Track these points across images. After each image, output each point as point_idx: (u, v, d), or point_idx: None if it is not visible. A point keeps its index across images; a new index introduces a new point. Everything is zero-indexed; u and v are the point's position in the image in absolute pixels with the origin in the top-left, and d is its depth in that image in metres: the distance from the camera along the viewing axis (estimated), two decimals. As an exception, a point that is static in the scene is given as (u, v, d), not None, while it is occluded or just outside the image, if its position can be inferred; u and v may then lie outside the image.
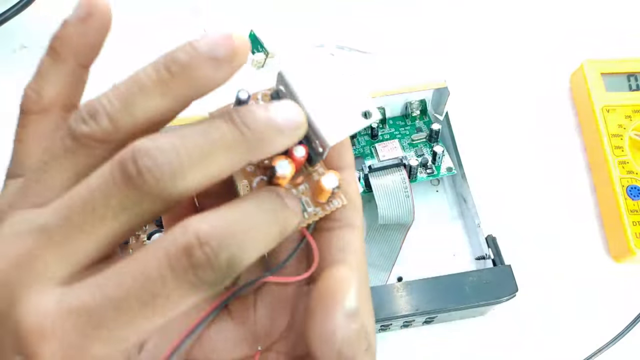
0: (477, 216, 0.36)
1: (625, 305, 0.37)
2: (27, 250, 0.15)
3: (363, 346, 0.18)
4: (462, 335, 0.36)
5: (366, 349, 0.18)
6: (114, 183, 0.15)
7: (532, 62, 0.46)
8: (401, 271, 0.37)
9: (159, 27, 0.48)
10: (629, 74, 0.42)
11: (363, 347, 0.18)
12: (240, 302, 0.21)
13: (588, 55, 0.43)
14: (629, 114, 0.41)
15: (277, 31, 0.47)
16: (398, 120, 0.40)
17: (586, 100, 0.42)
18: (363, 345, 0.18)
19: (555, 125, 0.44)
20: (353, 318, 0.18)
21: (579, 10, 0.49)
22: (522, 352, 0.35)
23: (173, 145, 0.15)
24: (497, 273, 0.33)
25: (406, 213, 0.36)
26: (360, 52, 0.47)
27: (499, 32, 0.48)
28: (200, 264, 0.14)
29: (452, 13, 0.49)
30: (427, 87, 0.38)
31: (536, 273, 0.38)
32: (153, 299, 0.14)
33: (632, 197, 0.38)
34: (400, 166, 0.36)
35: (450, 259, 0.38)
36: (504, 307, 0.35)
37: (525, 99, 0.45)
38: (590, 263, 0.38)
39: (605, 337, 0.34)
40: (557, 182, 0.41)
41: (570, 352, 0.35)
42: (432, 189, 0.40)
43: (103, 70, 0.47)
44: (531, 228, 0.39)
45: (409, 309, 0.32)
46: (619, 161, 0.39)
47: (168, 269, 0.14)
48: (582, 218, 0.40)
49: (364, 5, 0.49)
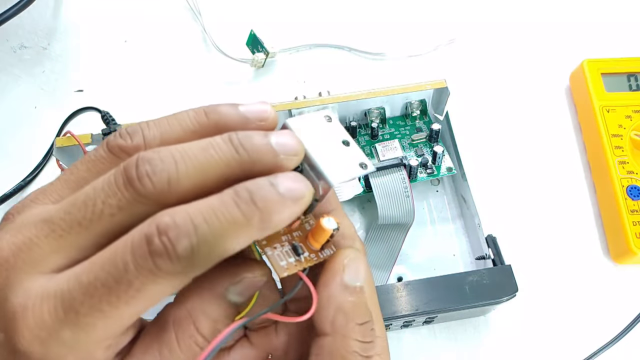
0: (477, 216, 0.36)
1: (625, 306, 0.37)
2: (29, 238, 0.17)
3: (358, 319, 0.19)
4: (462, 335, 0.36)
5: (362, 323, 0.20)
6: (116, 184, 0.17)
7: (532, 62, 0.46)
8: (401, 271, 0.37)
9: (158, 27, 0.48)
10: (629, 73, 0.42)
11: (358, 320, 0.19)
12: (262, 331, 0.23)
13: (588, 54, 0.43)
14: (629, 114, 0.41)
15: (277, 31, 0.47)
16: (398, 120, 0.40)
17: (586, 100, 0.42)
18: (359, 318, 0.19)
19: (555, 125, 0.44)
20: (350, 291, 0.20)
21: (578, 9, 0.49)
22: (522, 353, 0.35)
23: (173, 156, 0.17)
24: (497, 273, 0.33)
25: (406, 213, 0.36)
26: (361, 52, 0.47)
27: (498, 32, 0.48)
28: (158, 251, 0.15)
29: (453, 12, 0.49)
30: (427, 86, 0.38)
31: (536, 273, 0.38)
32: (117, 284, 0.15)
33: (632, 197, 0.38)
34: (400, 166, 0.36)
35: (450, 259, 0.38)
36: (504, 307, 0.35)
37: (525, 99, 0.45)
38: (590, 263, 0.38)
39: (605, 337, 0.34)
40: (557, 182, 0.41)
41: (570, 352, 0.35)
42: (432, 188, 0.40)
43: (103, 71, 0.47)
44: (531, 228, 0.39)
45: (409, 309, 0.31)
46: (619, 161, 0.39)
47: (130, 255, 0.16)
48: (582, 218, 0.40)
49: (363, 4, 0.49)
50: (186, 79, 0.46)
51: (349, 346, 0.19)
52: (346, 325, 0.19)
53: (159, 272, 0.16)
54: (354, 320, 0.20)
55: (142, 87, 0.45)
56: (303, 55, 0.47)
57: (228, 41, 0.46)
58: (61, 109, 0.42)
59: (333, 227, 0.20)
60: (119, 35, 0.48)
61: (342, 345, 0.19)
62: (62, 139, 0.36)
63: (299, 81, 0.46)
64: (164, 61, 0.46)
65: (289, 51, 0.47)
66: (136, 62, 0.46)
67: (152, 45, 0.47)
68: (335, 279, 0.20)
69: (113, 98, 0.44)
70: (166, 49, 0.47)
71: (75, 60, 0.46)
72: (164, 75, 0.46)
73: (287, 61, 0.47)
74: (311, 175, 0.19)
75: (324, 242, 0.20)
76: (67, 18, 0.48)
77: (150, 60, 0.46)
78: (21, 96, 0.44)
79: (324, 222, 0.20)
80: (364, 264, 0.21)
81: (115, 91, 0.45)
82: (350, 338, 0.19)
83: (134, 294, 0.16)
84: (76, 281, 0.16)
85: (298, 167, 0.20)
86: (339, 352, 0.19)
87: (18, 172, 0.40)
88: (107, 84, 0.45)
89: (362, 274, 0.20)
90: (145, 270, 0.15)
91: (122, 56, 0.47)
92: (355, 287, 0.20)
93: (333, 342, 0.19)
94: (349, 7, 0.49)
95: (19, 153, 0.42)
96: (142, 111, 0.43)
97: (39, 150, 0.41)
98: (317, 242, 0.20)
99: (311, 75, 0.46)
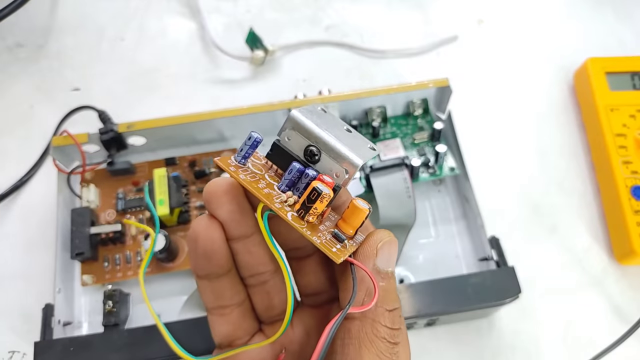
0: (480, 217, 0.35)
1: (629, 306, 0.36)
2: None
3: (388, 305, 0.19)
4: (464, 337, 0.35)
5: (392, 310, 0.20)
6: None
7: (536, 61, 0.46)
8: (403, 273, 0.36)
9: (156, 25, 0.48)
10: (633, 72, 0.42)
11: (388, 306, 0.19)
12: (277, 323, 0.23)
13: (592, 53, 0.42)
14: (633, 114, 0.40)
15: (277, 28, 0.47)
16: (400, 119, 0.39)
17: (590, 99, 0.41)
18: (389, 304, 0.20)
19: (559, 125, 0.43)
20: (382, 275, 0.20)
21: (582, 8, 0.48)
22: (526, 355, 0.35)
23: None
24: (500, 275, 0.32)
25: (408, 214, 0.35)
26: (362, 50, 0.46)
27: (502, 30, 0.47)
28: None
29: (455, 11, 0.48)
30: (430, 85, 0.37)
31: (539, 274, 0.37)
32: None
33: (637, 197, 0.37)
34: (402, 166, 0.36)
35: (452, 261, 0.37)
36: (506, 309, 0.34)
37: (528, 98, 0.44)
38: (594, 264, 0.38)
39: (610, 338, 0.33)
40: (561, 182, 0.41)
41: (574, 354, 0.35)
42: (434, 189, 0.40)
43: (100, 70, 0.47)
44: (534, 228, 0.39)
45: (411, 311, 0.31)
46: (623, 161, 0.38)
47: None
48: (586, 218, 0.40)
49: (366, 3, 0.49)
50: (185, 77, 0.45)
51: (378, 332, 0.19)
52: (376, 310, 0.19)
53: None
54: (383, 306, 0.19)
55: (139, 86, 0.44)
56: (303, 53, 0.46)
57: (227, 39, 0.45)
58: (58, 108, 0.42)
59: (367, 206, 0.19)
60: (116, 34, 0.47)
61: (371, 330, 0.19)
62: (59, 138, 0.36)
63: (299, 79, 0.45)
64: (162, 59, 0.46)
65: (288, 49, 0.46)
66: (133, 60, 0.46)
67: (150, 43, 0.47)
68: (368, 263, 0.19)
69: (110, 97, 0.43)
70: (164, 47, 0.46)
71: (72, 58, 0.46)
72: (162, 74, 0.45)
73: (287, 59, 0.46)
74: (331, 161, 0.19)
75: (358, 225, 0.19)
76: (63, 16, 0.48)
77: (148, 58, 0.46)
78: (17, 95, 0.44)
79: (358, 202, 0.19)
80: (395, 249, 0.20)
81: (112, 90, 0.44)
82: (379, 323, 0.19)
83: None
84: None
85: (315, 155, 0.19)
86: (367, 337, 0.19)
87: (14, 172, 0.40)
88: (104, 83, 0.45)
89: (394, 259, 0.20)
90: None
91: (119, 54, 0.46)
92: (387, 272, 0.20)
93: (362, 326, 0.19)
94: (351, 5, 0.49)
95: (15, 152, 0.41)
96: (139, 110, 0.42)
97: (36, 150, 0.41)
98: (352, 226, 0.19)
99: (311, 73, 0.45)
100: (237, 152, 0.20)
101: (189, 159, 0.38)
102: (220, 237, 0.21)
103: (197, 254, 0.21)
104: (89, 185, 0.37)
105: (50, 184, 0.37)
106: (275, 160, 0.20)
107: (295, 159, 0.20)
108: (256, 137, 0.19)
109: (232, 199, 0.20)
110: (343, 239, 0.19)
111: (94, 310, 0.35)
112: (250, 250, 0.21)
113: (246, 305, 0.23)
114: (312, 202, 0.18)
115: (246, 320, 0.23)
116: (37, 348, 0.30)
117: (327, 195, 0.18)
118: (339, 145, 0.19)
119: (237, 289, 0.22)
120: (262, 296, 0.23)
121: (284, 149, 0.20)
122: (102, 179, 0.37)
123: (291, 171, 0.19)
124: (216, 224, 0.21)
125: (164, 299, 0.35)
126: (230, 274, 0.22)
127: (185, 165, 0.38)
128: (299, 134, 0.19)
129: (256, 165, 0.20)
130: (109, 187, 0.37)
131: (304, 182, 0.19)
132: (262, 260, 0.22)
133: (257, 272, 0.22)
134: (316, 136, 0.19)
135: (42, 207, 0.38)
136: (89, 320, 0.35)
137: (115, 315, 0.32)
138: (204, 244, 0.21)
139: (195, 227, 0.21)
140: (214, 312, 0.22)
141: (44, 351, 0.30)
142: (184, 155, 0.38)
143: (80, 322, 0.35)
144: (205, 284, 0.22)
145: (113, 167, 0.37)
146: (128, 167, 0.37)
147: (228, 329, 0.22)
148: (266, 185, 0.19)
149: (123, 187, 0.37)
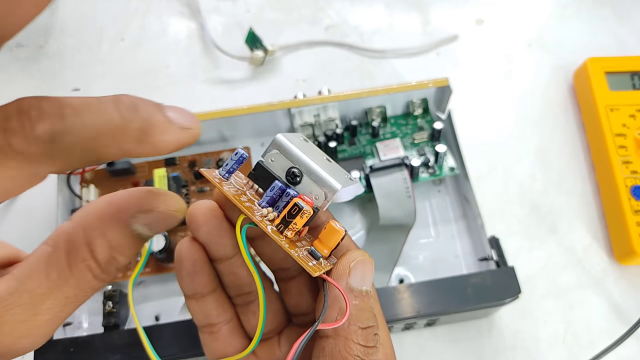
0: (480, 217, 0.35)
1: (629, 306, 0.36)
2: None
3: (362, 323, 0.20)
4: (464, 337, 0.35)
5: (365, 327, 0.20)
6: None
7: (536, 61, 0.46)
8: (402, 273, 0.37)
9: (156, 25, 0.48)
10: (632, 72, 0.42)
11: (361, 323, 0.20)
12: (265, 343, 0.23)
13: (592, 53, 0.42)
14: (633, 113, 0.40)
15: (277, 29, 0.47)
16: (400, 119, 0.39)
17: (590, 99, 0.41)
18: (362, 322, 0.20)
19: (559, 124, 0.43)
20: (355, 294, 0.20)
21: (582, 8, 0.48)
22: (526, 354, 0.35)
23: (58, 104, 0.15)
24: (500, 275, 0.32)
25: (408, 214, 0.35)
26: (361, 50, 0.46)
27: (502, 30, 0.47)
28: (12, 128, 0.14)
29: (455, 11, 0.48)
30: (429, 85, 0.37)
31: (539, 274, 0.37)
32: None
33: (637, 197, 0.37)
34: (402, 166, 0.36)
35: (452, 261, 0.37)
36: (506, 309, 0.34)
37: (528, 98, 0.44)
38: (594, 264, 0.38)
39: (610, 338, 0.33)
40: (561, 182, 0.41)
41: (575, 354, 0.35)
42: (434, 189, 0.40)
43: (99, 70, 0.47)
44: (534, 228, 0.39)
45: (410, 311, 0.31)
46: (623, 161, 0.38)
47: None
48: (586, 218, 0.40)
49: (366, 3, 0.49)
50: (184, 77, 0.45)
51: (351, 349, 0.19)
52: (349, 328, 0.19)
53: (10, 151, 0.14)
54: (356, 323, 0.19)
55: (139, 86, 0.44)
56: (303, 53, 0.46)
57: (227, 39, 0.45)
58: (58, 108, 0.42)
59: (343, 228, 0.20)
60: (116, 34, 0.47)
61: (344, 348, 0.19)
62: (59, 138, 0.36)
63: (298, 79, 0.45)
64: (162, 59, 0.46)
65: (288, 49, 0.46)
66: (133, 60, 0.46)
67: (150, 43, 0.47)
68: (341, 281, 0.19)
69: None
70: (164, 47, 0.46)
71: (72, 58, 0.46)
72: (162, 74, 0.45)
73: (286, 59, 0.46)
74: (311, 184, 0.20)
75: (334, 246, 0.20)
76: (63, 16, 0.48)
77: (148, 59, 0.46)
78: (17, 95, 0.44)
79: (334, 224, 0.20)
80: (370, 268, 0.20)
81: (112, 90, 0.44)
82: (352, 341, 0.19)
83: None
84: None
85: (297, 176, 0.20)
86: (340, 355, 0.19)
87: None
88: (104, 83, 0.45)
89: (369, 278, 0.20)
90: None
91: (119, 55, 0.46)
92: (362, 291, 0.20)
93: (335, 344, 0.19)
94: (351, 4, 0.49)
95: (15, 153, 0.41)
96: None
97: (35, 150, 0.41)
98: (327, 246, 0.20)
99: (311, 73, 0.45)
100: (222, 167, 0.20)
101: (189, 159, 0.38)
102: (202, 258, 0.21)
103: (182, 274, 0.21)
104: (89, 185, 0.37)
105: (50, 184, 0.37)
106: (258, 179, 0.21)
107: (277, 179, 0.20)
108: (242, 153, 0.20)
109: (211, 221, 0.21)
110: (319, 257, 0.20)
111: (94, 311, 0.35)
112: (233, 272, 0.22)
113: (234, 323, 0.23)
114: (292, 217, 0.19)
115: (235, 338, 0.23)
116: (37, 348, 0.30)
117: (307, 212, 0.19)
118: (320, 170, 0.20)
119: (224, 307, 0.23)
120: (248, 316, 0.23)
121: (267, 170, 0.20)
122: (102, 180, 0.37)
123: (273, 188, 0.20)
124: (197, 246, 0.21)
125: (164, 299, 0.35)
126: (215, 293, 0.22)
127: (185, 165, 0.38)
128: (282, 156, 0.20)
129: (238, 182, 0.21)
130: (109, 188, 0.37)
131: (284, 200, 0.20)
132: (247, 280, 0.22)
133: (243, 292, 0.23)
134: (299, 159, 0.20)
135: (42, 208, 0.38)
136: (89, 320, 0.35)
137: (115, 315, 0.32)
138: (187, 264, 0.21)
139: (179, 248, 0.21)
140: (204, 331, 0.23)
141: (44, 352, 0.30)
142: (184, 155, 0.38)
143: (81, 323, 0.35)
144: (193, 303, 0.22)
145: (113, 167, 0.37)
146: (128, 167, 0.37)
147: (218, 347, 0.23)
148: (247, 200, 0.20)
149: (123, 188, 0.37)
